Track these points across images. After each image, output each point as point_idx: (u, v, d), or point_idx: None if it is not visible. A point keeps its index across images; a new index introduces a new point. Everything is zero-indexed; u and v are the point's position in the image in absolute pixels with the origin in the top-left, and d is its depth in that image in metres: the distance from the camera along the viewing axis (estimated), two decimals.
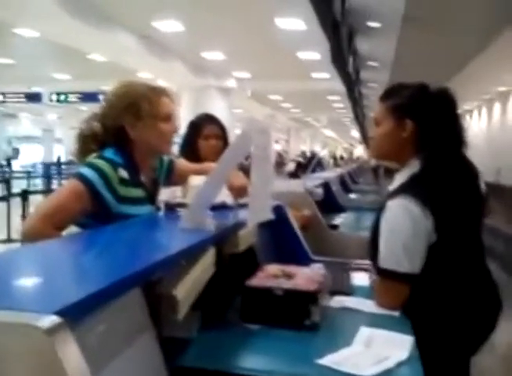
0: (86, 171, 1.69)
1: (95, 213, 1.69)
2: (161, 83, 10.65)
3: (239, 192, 1.87)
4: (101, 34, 8.97)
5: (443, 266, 1.59)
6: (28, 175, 14.95)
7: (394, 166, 1.80)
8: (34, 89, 17.40)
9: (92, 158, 1.74)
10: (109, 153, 1.76)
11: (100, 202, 1.68)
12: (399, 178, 1.68)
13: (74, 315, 0.74)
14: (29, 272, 0.98)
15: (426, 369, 1.23)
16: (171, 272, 1.15)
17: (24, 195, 7.12)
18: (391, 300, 1.58)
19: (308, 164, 7.24)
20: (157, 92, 1.83)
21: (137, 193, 1.79)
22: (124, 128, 1.79)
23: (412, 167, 1.65)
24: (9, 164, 21.99)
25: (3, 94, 17.62)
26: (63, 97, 16.81)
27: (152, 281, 1.08)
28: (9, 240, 7.61)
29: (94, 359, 0.77)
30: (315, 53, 10.89)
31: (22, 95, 17.64)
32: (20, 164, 25.53)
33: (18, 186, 11.12)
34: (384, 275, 1.57)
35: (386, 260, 1.56)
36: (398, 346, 1.30)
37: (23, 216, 6.58)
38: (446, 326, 1.58)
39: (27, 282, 0.89)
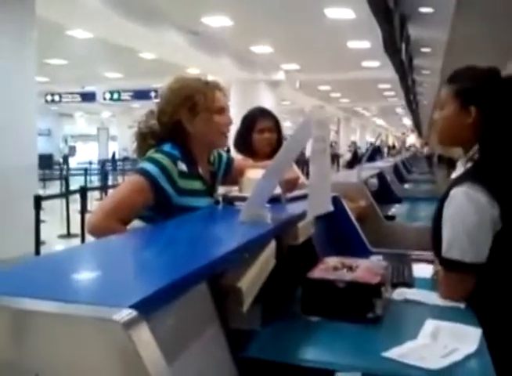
0: (147, 165, 1.73)
1: (156, 206, 1.72)
2: (211, 78, 10.75)
3: (289, 185, 1.87)
4: (151, 32, 9.13)
5: (509, 254, 1.54)
6: (85, 172, 15.38)
7: (448, 154, 1.76)
8: (87, 89, 17.88)
9: (152, 153, 1.78)
10: (167, 147, 1.80)
11: (162, 195, 1.71)
12: (462, 166, 1.64)
13: (148, 308, 0.75)
14: (100, 267, 1.00)
15: (494, 361, 1.20)
16: (234, 265, 1.16)
17: (82, 191, 7.32)
18: (456, 291, 1.54)
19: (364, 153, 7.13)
20: (211, 86, 1.86)
21: (196, 185, 1.82)
22: (181, 123, 1.82)
23: (475, 154, 1.60)
24: (65, 162, 22.68)
25: (59, 94, 18.19)
26: (115, 95, 17.23)
27: (216, 274, 1.09)
28: (68, 235, 7.88)
29: (167, 351, 0.79)
30: (365, 42, 10.74)
31: (77, 95, 18.19)
32: (77, 161, 26.29)
33: (75, 183, 11.44)
34: (449, 265, 1.53)
35: (450, 250, 1.53)
36: (466, 339, 1.27)
37: (82, 212, 6.77)
38: None
39: (100, 277, 0.91)
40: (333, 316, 1.44)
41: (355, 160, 14.18)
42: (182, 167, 1.77)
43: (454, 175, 1.65)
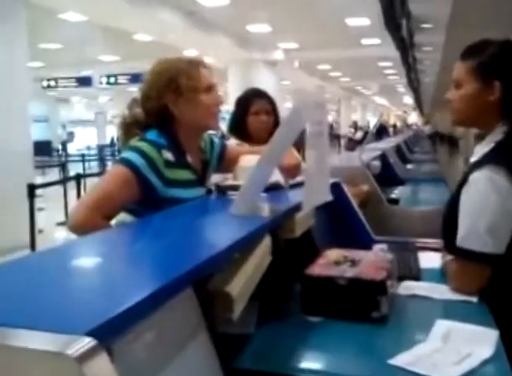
0: (129, 154, 1.60)
1: (142, 198, 1.60)
2: (207, 59, 10.58)
3: (291, 172, 1.75)
4: (146, 14, 8.93)
5: None
6: (83, 158, 15.22)
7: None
8: (84, 73, 17.63)
9: (135, 141, 1.66)
10: (151, 135, 1.67)
11: (147, 186, 1.58)
12: (482, 147, 1.50)
13: (113, 333, 0.63)
14: (62, 278, 0.86)
15: None
16: (223, 267, 1.04)
17: (78, 178, 7.19)
18: (471, 284, 1.42)
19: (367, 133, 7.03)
20: (195, 65, 1.73)
21: (184, 175, 1.70)
22: (167, 108, 1.69)
23: (497, 134, 1.47)
24: (64, 149, 22.51)
25: (55, 79, 17.94)
26: (112, 79, 16.95)
27: (203, 278, 0.97)
28: (66, 223, 7.76)
29: (142, 372, 0.68)
30: (365, 19, 10.52)
31: (73, 80, 17.93)
32: (76, 147, 26.12)
33: (74, 169, 11.32)
34: (466, 256, 1.41)
35: (468, 240, 1.40)
36: (481, 341, 1.15)
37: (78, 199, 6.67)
38: None
39: (61, 291, 0.78)
40: (335, 315, 1.32)
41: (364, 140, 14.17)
42: (168, 155, 1.64)
43: (473, 159, 1.51)
